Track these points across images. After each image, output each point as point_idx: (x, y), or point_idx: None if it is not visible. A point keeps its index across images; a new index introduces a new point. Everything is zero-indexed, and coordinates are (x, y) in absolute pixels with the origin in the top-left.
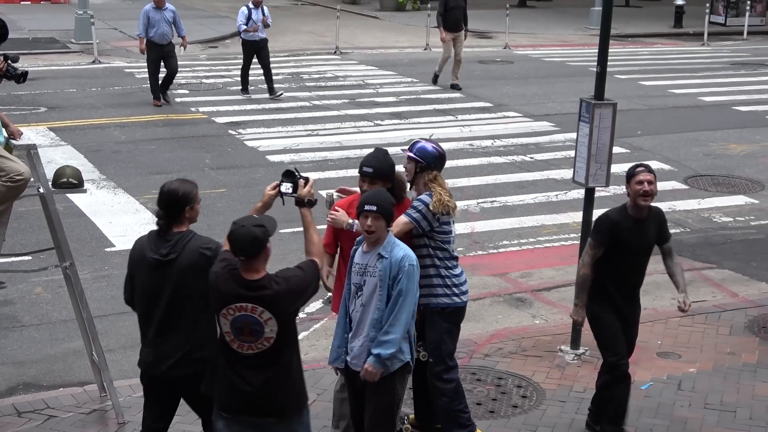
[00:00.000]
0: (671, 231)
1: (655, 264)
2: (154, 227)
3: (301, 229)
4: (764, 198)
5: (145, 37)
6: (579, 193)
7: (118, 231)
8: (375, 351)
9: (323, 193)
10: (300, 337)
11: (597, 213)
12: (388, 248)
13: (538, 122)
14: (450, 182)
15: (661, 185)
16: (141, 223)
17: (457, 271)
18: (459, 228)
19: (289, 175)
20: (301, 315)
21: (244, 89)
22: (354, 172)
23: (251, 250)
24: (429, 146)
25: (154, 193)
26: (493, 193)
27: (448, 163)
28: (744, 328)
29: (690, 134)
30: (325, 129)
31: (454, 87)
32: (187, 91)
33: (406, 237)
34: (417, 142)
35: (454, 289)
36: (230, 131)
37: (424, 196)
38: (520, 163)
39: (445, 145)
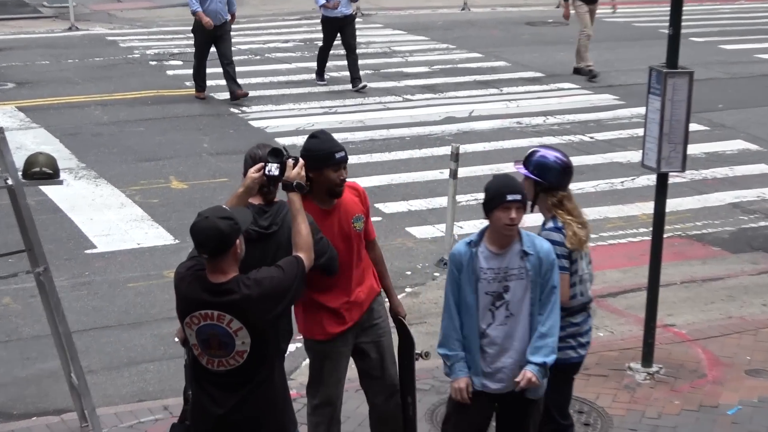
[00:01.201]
0: (760, 223)
1: (741, 264)
2: (146, 224)
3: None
4: None
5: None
6: (649, 180)
7: (100, 229)
8: (537, 359)
9: None
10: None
11: (671, 203)
12: (528, 243)
13: (599, 95)
14: (496, 167)
15: (748, 169)
16: (128, 219)
17: (579, 318)
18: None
19: (276, 155)
20: None
21: (320, 75)
22: (381, 157)
23: (214, 247)
24: (550, 156)
25: (143, 185)
26: None
27: (492, 145)
28: None
29: None
30: (344, 106)
31: (591, 74)
32: (180, 62)
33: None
34: (534, 152)
35: (570, 340)
36: (232, 109)
37: (553, 233)
38: (578, 144)
39: (487, 124)
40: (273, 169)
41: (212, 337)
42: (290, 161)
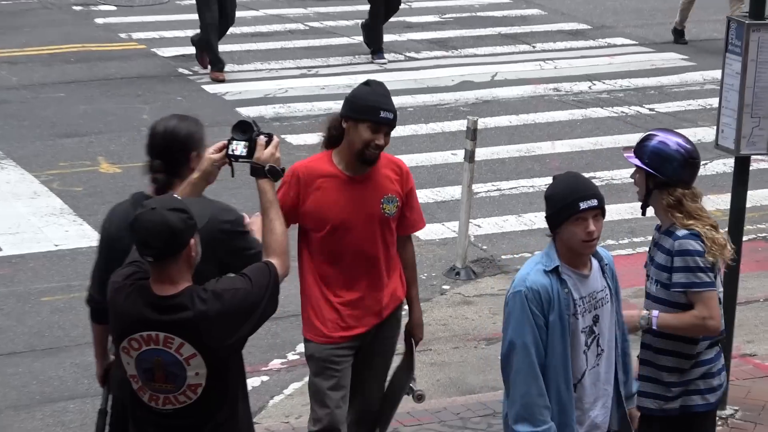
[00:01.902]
0: None
1: None
2: (67, 219)
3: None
4: None
5: None
6: (726, 165)
7: (6, 226)
8: (634, 388)
9: None
10: (289, 389)
11: (754, 195)
12: (600, 251)
13: (661, 53)
14: (525, 147)
15: None
16: (42, 213)
17: (712, 353)
18: (540, 219)
19: (243, 130)
20: (291, 356)
21: (377, 51)
22: None
23: (162, 248)
24: (671, 143)
25: (62, 168)
26: (592, 166)
27: (521, 119)
28: None
29: None
30: (328, 66)
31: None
32: (114, 7)
33: None
34: (650, 136)
35: (699, 383)
36: (181, 69)
37: (691, 241)
38: (633, 117)
39: (518, 90)
40: (239, 148)
41: (157, 367)
42: (262, 138)
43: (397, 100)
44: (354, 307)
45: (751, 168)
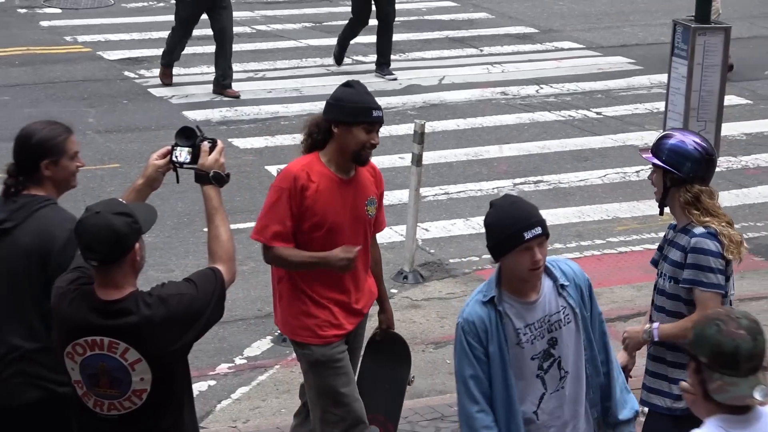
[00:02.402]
0: None
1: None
2: None
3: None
4: None
5: None
6: None
7: None
8: (629, 413)
9: None
10: (237, 394)
11: None
12: (556, 271)
13: (608, 57)
14: (473, 151)
15: None
16: None
17: None
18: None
19: (187, 136)
20: (239, 360)
21: (339, 58)
22: None
23: (106, 252)
24: (689, 142)
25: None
26: (539, 169)
27: (468, 122)
28: None
29: None
30: (275, 69)
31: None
32: (59, 10)
33: None
34: (668, 135)
35: None
36: (127, 72)
37: (707, 240)
38: (580, 121)
39: (466, 94)
40: (183, 154)
41: (102, 372)
42: (205, 144)
43: None
44: (343, 306)
45: None
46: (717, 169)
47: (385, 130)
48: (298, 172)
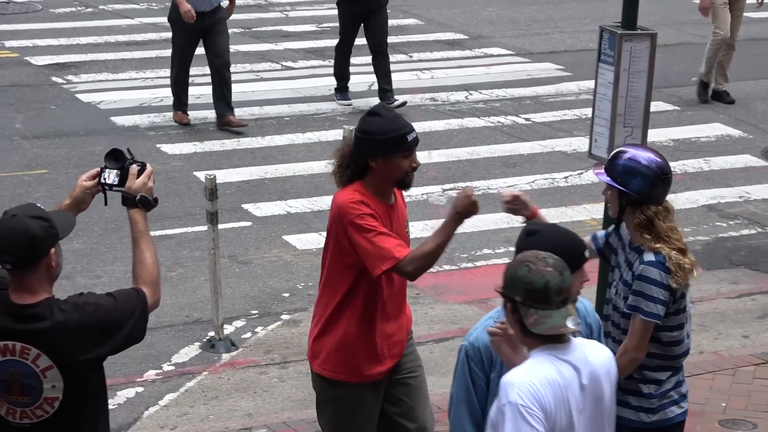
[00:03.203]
0: (742, 231)
1: (716, 284)
2: None
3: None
4: None
5: None
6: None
7: None
8: None
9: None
10: (164, 400)
11: None
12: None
13: (537, 64)
14: None
15: (727, 161)
16: None
17: (680, 364)
18: (416, 229)
19: (116, 158)
20: (167, 367)
21: (342, 89)
22: (251, 143)
23: (21, 255)
24: (642, 158)
25: None
26: (468, 175)
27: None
28: None
29: None
30: (204, 75)
31: (722, 97)
32: None
33: None
34: (621, 152)
35: (673, 393)
36: (54, 78)
37: (653, 269)
38: (509, 127)
39: (395, 98)
40: (111, 176)
41: (13, 378)
42: (134, 167)
43: (273, 110)
44: (389, 338)
45: None
46: None
47: (314, 136)
48: (360, 199)
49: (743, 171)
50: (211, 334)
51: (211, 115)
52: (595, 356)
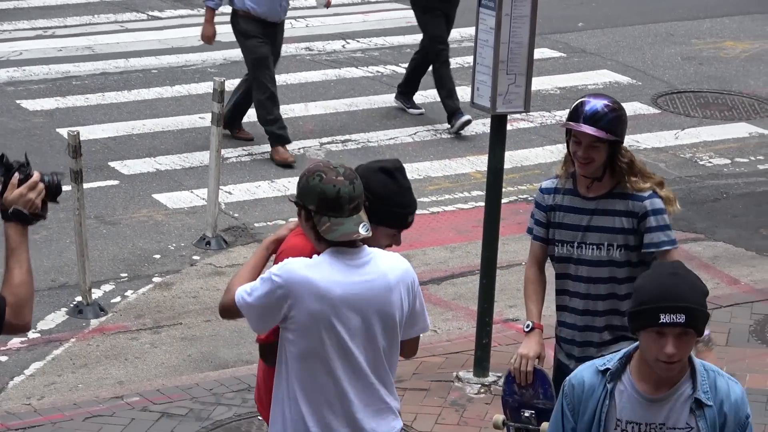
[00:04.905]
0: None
1: None
2: None
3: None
4: None
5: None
6: (485, 125)
7: None
8: None
9: None
10: (30, 369)
11: (514, 156)
12: (704, 382)
13: None
14: (282, 110)
15: None
16: None
17: None
18: (294, 185)
19: (2, 164)
20: (32, 334)
21: (408, 98)
22: (117, 97)
23: None
24: (601, 105)
25: None
26: (347, 128)
27: None
28: (749, 333)
29: (661, 26)
30: (65, 27)
31: None
32: None
33: None
34: (584, 103)
35: None
36: None
37: (658, 200)
38: (389, 77)
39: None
40: None
41: None
42: (16, 177)
43: (139, 62)
44: None
45: (510, 128)
46: (530, 125)
47: (184, 89)
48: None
49: (632, 119)
50: (79, 299)
51: (73, 68)
52: (389, 265)
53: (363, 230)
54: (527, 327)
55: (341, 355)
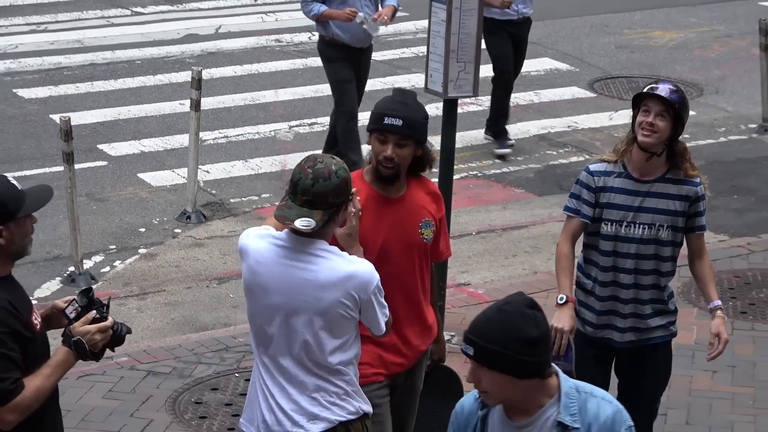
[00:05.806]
0: (571, 159)
1: (548, 209)
2: None
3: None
4: (704, 108)
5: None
6: (438, 108)
7: None
8: None
9: None
10: None
11: (465, 136)
12: (572, 405)
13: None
14: (250, 96)
15: (556, 93)
16: None
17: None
18: (266, 164)
19: (87, 297)
20: None
21: (501, 134)
22: (104, 86)
23: None
24: (675, 87)
25: None
26: (313, 112)
27: (245, 69)
28: (678, 295)
29: (597, 17)
30: (57, 22)
31: None
32: None
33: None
34: (659, 81)
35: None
36: None
37: (703, 188)
38: None
39: (239, 42)
40: (71, 310)
41: None
42: (92, 313)
43: (125, 54)
44: (392, 347)
45: (460, 111)
46: (479, 108)
47: (165, 78)
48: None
49: (571, 102)
50: (71, 269)
51: (64, 60)
52: (330, 265)
53: (299, 223)
54: (561, 300)
55: (258, 323)
